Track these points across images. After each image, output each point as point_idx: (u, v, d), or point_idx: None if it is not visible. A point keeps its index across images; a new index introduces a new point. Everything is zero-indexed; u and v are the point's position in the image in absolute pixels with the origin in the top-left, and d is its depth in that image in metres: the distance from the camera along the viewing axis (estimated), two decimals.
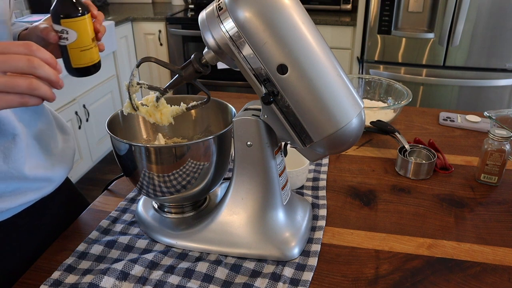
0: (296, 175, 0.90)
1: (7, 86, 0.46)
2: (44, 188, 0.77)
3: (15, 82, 0.46)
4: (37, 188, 0.75)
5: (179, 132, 0.88)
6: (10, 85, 0.46)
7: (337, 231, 0.80)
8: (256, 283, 0.66)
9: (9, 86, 0.46)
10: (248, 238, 0.72)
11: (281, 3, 0.57)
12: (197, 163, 0.70)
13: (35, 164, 0.74)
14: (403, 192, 0.92)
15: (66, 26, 0.62)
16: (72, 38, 0.63)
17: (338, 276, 0.69)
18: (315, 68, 0.59)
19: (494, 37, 2.31)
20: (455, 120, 1.25)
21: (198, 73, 0.67)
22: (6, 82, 0.46)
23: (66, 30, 0.62)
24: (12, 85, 0.46)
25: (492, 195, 0.90)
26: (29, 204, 0.76)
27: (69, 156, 0.84)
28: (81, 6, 0.63)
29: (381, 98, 1.32)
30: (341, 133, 0.61)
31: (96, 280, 0.65)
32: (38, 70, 0.48)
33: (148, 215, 0.81)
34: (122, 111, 0.78)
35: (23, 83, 0.47)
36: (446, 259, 0.73)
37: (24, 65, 0.47)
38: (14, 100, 0.47)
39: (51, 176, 0.78)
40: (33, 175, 0.73)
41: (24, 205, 0.75)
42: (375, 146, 1.12)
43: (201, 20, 0.62)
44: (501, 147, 0.89)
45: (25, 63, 0.47)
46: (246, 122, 0.67)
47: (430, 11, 2.36)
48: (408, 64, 2.51)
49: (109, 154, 2.88)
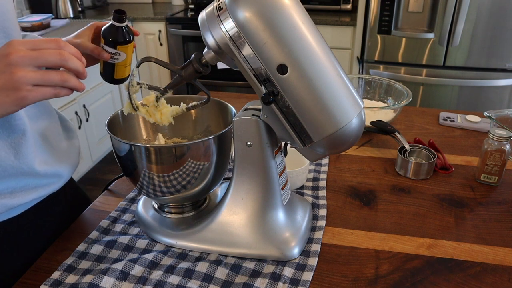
0: (296, 175, 0.90)
1: (42, 80, 0.50)
2: (53, 184, 0.78)
3: (49, 75, 0.51)
4: (46, 184, 0.76)
5: (179, 132, 0.88)
6: (46, 78, 0.50)
7: (337, 231, 0.80)
8: (256, 283, 0.66)
9: (44, 79, 0.50)
10: (248, 238, 0.72)
11: (281, 3, 0.57)
12: (197, 163, 0.70)
13: (44, 160, 0.74)
14: (403, 192, 0.92)
15: (120, 50, 0.73)
16: (122, 58, 0.74)
17: (338, 276, 0.69)
18: (315, 68, 0.59)
19: (494, 37, 2.30)
20: (455, 120, 1.25)
21: (198, 73, 0.67)
22: (42, 76, 0.50)
23: (119, 53, 0.73)
24: (47, 78, 0.50)
25: (492, 195, 0.90)
26: (39, 200, 0.77)
27: (74, 153, 0.85)
28: (131, 32, 0.74)
29: (381, 98, 1.32)
30: (341, 133, 0.61)
31: (96, 280, 0.65)
32: (68, 63, 0.52)
33: (148, 215, 0.81)
34: (122, 111, 0.78)
35: (56, 76, 0.51)
36: (446, 259, 0.73)
37: (56, 59, 0.51)
38: (48, 92, 0.52)
39: (60, 172, 0.78)
40: (43, 170, 0.73)
41: (34, 201, 0.76)
42: (375, 146, 1.12)
43: (201, 20, 0.62)
44: (501, 147, 0.89)
45: (57, 57, 0.51)
46: (246, 122, 0.67)
47: (430, 11, 2.36)
48: (408, 64, 2.51)
49: (109, 154, 2.88)
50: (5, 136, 0.66)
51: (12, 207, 0.70)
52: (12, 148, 0.67)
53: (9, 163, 0.67)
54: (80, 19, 2.97)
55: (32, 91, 0.51)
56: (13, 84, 0.49)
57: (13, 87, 0.49)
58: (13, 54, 0.49)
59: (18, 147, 0.68)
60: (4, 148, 0.66)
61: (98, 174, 2.72)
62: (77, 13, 3.07)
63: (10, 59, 0.49)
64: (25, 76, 0.49)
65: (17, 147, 0.68)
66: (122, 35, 0.72)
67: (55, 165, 0.77)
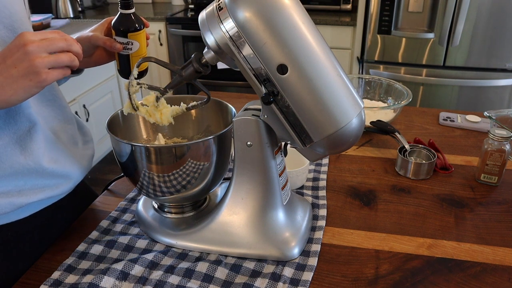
0: (296, 175, 0.90)
1: (57, 62, 0.59)
2: (62, 185, 0.77)
3: (61, 58, 0.59)
4: (55, 185, 0.76)
5: (179, 132, 0.88)
6: (59, 61, 0.59)
7: (337, 231, 0.80)
8: (256, 283, 0.66)
9: (58, 61, 0.59)
10: (248, 238, 0.72)
11: (281, 3, 0.57)
12: (197, 163, 0.70)
13: (54, 158, 0.74)
14: (403, 192, 0.92)
15: (132, 38, 0.74)
16: (135, 48, 0.75)
17: (338, 276, 0.69)
18: (315, 68, 0.59)
19: (494, 37, 2.30)
20: (455, 120, 1.24)
21: (198, 73, 0.67)
22: (56, 59, 0.58)
23: (131, 42, 0.74)
24: (60, 60, 0.59)
25: (492, 195, 0.90)
26: (48, 202, 0.77)
27: (87, 157, 0.85)
28: (141, 20, 0.75)
29: (381, 98, 1.32)
30: (341, 133, 0.61)
31: (96, 280, 0.65)
32: (72, 47, 0.61)
33: (148, 215, 0.81)
34: (122, 111, 0.78)
35: (66, 57, 0.60)
36: (446, 259, 0.73)
37: (63, 44, 0.60)
38: (61, 73, 0.60)
39: (69, 173, 0.78)
40: (51, 168, 0.73)
41: (43, 202, 0.76)
42: (375, 146, 1.12)
43: (201, 20, 0.62)
44: (501, 147, 0.89)
45: (64, 43, 0.60)
46: (246, 122, 0.67)
47: (430, 11, 2.36)
48: (408, 64, 2.51)
49: (109, 154, 2.87)
50: (11, 133, 0.68)
51: (20, 205, 0.70)
52: (18, 144, 0.68)
53: (15, 159, 0.68)
54: (80, 19, 2.97)
55: (49, 73, 0.58)
56: (34, 69, 0.57)
57: (34, 72, 0.57)
58: (29, 44, 0.56)
59: (24, 143, 0.69)
60: (10, 144, 0.68)
61: (98, 174, 2.72)
62: (77, 13, 3.07)
63: (27, 49, 0.56)
64: (42, 61, 0.57)
65: (22, 143, 0.69)
66: (132, 23, 0.73)
67: (65, 165, 0.77)
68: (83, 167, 0.82)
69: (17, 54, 0.57)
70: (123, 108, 0.73)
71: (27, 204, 0.71)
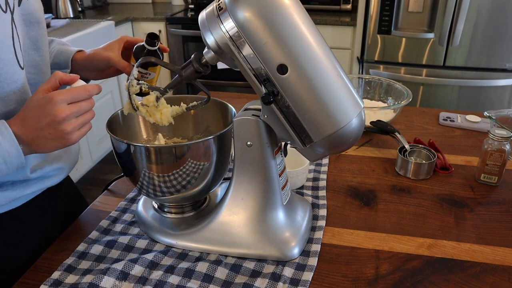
0: (296, 175, 0.90)
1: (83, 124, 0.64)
2: (55, 177, 0.80)
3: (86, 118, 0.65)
4: (46, 177, 0.78)
5: (179, 132, 0.88)
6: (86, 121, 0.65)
7: (337, 231, 0.80)
8: (256, 283, 0.66)
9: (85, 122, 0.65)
10: (248, 238, 0.72)
11: (281, 3, 0.57)
12: (197, 163, 0.70)
13: (36, 165, 0.75)
14: (403, 192, 0.92)
15: (150, 70, 0.79)
16: (151, 77, 0.80)
17: (338, 276, 0.69)
18: (315, 68, 0.59)
19: (494, 37, 2.30)
20: (455, 120, 1.24)
21: (198, 73, 0.67)
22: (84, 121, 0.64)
23: (149, 73, 0.80)
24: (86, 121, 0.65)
25: (492, 195, 0.90)
26: (39, 191, 0.79)
27: (72, 148, 0.86)
28: (162, 53, 0.79)
29: (381, 98, 1.32)
30: (341, 133, 0.61)
31: (96, 280, 0.65)
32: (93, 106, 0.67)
33: (148, 215, 0.81)
34: (122, 111, 0.78)
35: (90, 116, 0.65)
36: (446, 259, 0.73)
37: (89, 107, 0.65)
38: (86, 129, 0.66)
39: (61, 167, 0.80)
40: (36, 175, 0.74)
41: (34, 193, 0.78)
42: (375, 146, 1.12)
43: (201, 20, 0.62)
44: (501, 147, 0.89)
45: (90, 105, 0.65)
46: (246, 122, 0.67)
47: (430, 11, 2.35)
48: (408, 64, 2.50)
49: (109, 154, 2.87)
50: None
51: (14, 198, 0.72)
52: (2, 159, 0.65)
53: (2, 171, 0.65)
54: (80, 19, 2.97)
55: (77, 134, 0.64)
56: (65, 135, 0.62)
57: (65, 138, 0.62)
58: (59, 114, 0.60)
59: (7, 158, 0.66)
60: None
61: (98, 174, 2.71)
62: (77, 13, 3.07)
63: (58, 119, 0.60)
64: (73, 128, 0.62)
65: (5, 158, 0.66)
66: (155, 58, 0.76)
67: (53, 163, 0.78)
68: (70, 159, 0.84)
69: (48, 120, 0.60)
70: (123, 108, 0.73)
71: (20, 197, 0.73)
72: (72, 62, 0.86)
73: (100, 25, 2.63)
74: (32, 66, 0.74)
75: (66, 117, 0.61)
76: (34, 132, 0.61)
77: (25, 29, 0.71)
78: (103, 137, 2.76)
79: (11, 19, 0.65)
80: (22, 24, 0.70)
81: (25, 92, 0.69)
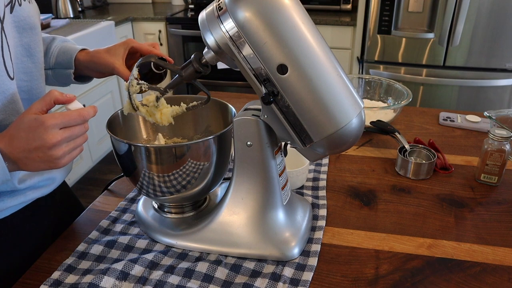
0: (296, 175, 0.90)
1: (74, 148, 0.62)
2: (43, 188, 0.78)
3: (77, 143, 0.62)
4: (35, 188, 0.76)
5: (179, 132, 0.88)
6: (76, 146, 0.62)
7: (337, 231, 0.80)
8: (256, 283, 0.66)
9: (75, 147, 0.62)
10: (248, 238, 0.72)
11: (281, 3, 0.57)
12: (197, 163, 0.70)
13: (24, 176, 0.73)
14: (403, 192, 0.92)
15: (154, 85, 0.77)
16: None
17: (338, 276, 0.69)
18: (315, 68, 0.59)
19: (494, 37, 2.30)
20: (455, 120, 1.24)
21: (198, 73, 0.67)
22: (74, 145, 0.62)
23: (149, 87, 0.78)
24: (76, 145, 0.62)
25: (492, 195, 0.90)
26: (28, 202, 0.77)
27: None
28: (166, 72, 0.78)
29: (381, 98, 1.32)
30: (341, 133, 0.61)
31: (96, 280, 0.65)
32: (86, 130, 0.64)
33: (148, 215, 0.81)
34: (122, 111, 0.78)
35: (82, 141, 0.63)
36: (446, 259, 0.73)
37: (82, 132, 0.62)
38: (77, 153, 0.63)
39: (52, 177, 0.78)
40: (24, 186, 0.73)
41: (23, 203, 0.76)
42: (375, 146, 1.12)
43: (201, 20, 0.62)
44: (501, 147, 0.89)
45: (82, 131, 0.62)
46: (246, 122, 0.67)
47: (430, 11, 2.35)
48: (408, 64, 2.50)
49: (109, 154, 2.87)
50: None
51: (2, 209, 0.70)
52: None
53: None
54: (80, 19, 2.97)
55: (66, 158, 0.61)
56: (54, 160, 0.60)
57: (53, 162, 0.60)
58: (49, 140, 0.58)
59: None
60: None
61: (98, 174, 2.71)
62: (77, 13, 3.07)
63: (48, 145, 0.58)
64: (63, 152, 0.60)
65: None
66: (159, 78, 0.79)
67: (44, 173, 0.76)
68: (63, 169, 0.82)
69: (37, 143, 0.58)
70: (123, 108, 0.73)
71: (7, 208, 0.71)
72: (75, 62, 0.85)
73: (100, 25, 2.63)
74: (24, 73, 0.72)
75: (57, 143, 0.58)
76: (22, 153, 0.58)
77: (18, 36, 0.69)
78: (103, 137, 2.76)
79: (0, 28, 0.64)
80: (14, 31, 0.68)
81: (14, 103, 0.67)
